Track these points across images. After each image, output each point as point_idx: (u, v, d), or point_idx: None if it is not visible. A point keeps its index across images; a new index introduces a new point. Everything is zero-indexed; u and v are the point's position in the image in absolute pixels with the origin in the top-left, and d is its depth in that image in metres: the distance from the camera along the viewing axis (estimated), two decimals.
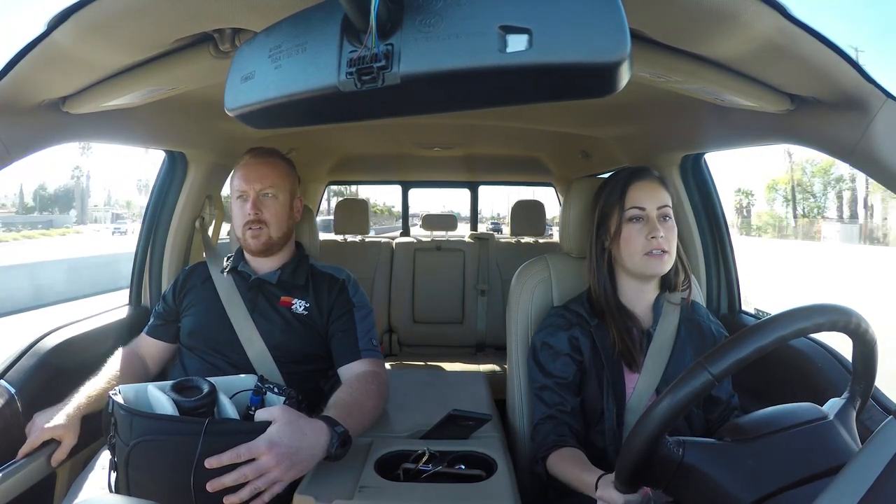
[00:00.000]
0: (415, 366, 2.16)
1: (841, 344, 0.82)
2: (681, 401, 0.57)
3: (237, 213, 1.17)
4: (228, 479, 0.73)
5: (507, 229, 3.06)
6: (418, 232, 3.00)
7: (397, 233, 3.16)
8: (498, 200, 13.34)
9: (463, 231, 2.97)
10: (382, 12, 0.43)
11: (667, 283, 1.03)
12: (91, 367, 1.10)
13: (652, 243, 0.95)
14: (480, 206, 3.17)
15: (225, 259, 1.25)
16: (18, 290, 7.88)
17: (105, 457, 0.92)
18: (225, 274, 1.20)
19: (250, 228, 1.14)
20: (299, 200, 1.25)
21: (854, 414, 0.67)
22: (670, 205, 0.99)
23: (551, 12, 0.40)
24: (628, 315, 1.00)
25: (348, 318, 1.14)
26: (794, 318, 0.58)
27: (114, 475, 0.83)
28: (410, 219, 3.35)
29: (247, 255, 1.22)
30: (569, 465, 0.87)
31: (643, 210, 0.97)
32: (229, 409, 0.88)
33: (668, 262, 0.97)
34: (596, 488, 0.74)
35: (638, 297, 1.01)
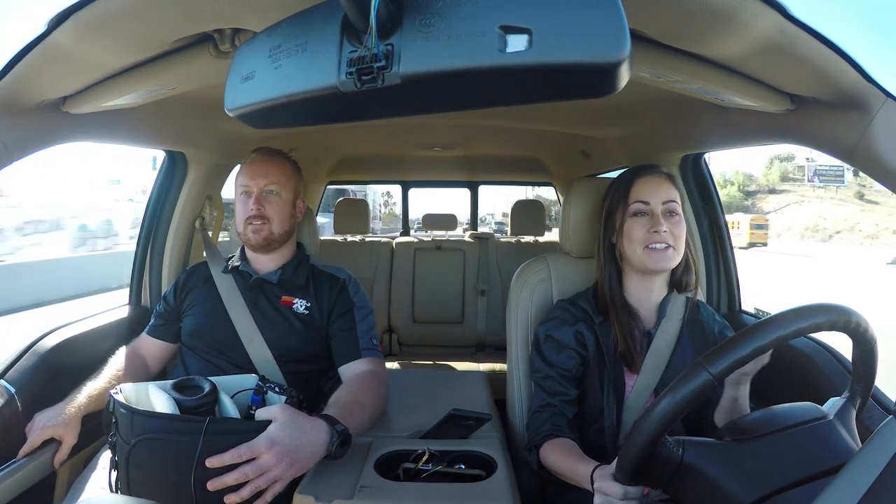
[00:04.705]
0: (415, 365, 2.16)
1: (841, 343, 0.82)
2: (681, 400, 0.57)
3: (240, 208, 1.18)
4: (229, 479, 0.73)
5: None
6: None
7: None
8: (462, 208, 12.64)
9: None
10: (382, 12, 0.43)
11: (676, 283, 1.02)
12: (91, 366, 1.10)
13: (653, 237, 0.94)
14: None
15: (227, 259, 1.25)
16: None
17: (106, 456, 0.92)
18: (226, 273, 1.20)
19: (251, 223, 1.14)
20: (302, 201, 1.25)
21: (854, 413, 0.67)
22: (678, 201, 0.97)
23: (551, 12, 0.40)
24: (632, 314, 1.00)
25: (349, 318, 1.15)
26: (794, 317, 0.58)
27: (114, 474, 0.83)
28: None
29: (248, 254, 1.22)
30: (562, 456, 0.87)
31: (647, 204, 0.97)
32: (230, 409, 0.88)
33: (673, 258, 0.96)
34: (592, 480, 0.73)
35: (644, 295, 1.01)
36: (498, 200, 30.93)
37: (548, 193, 3.92)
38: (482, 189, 3.19)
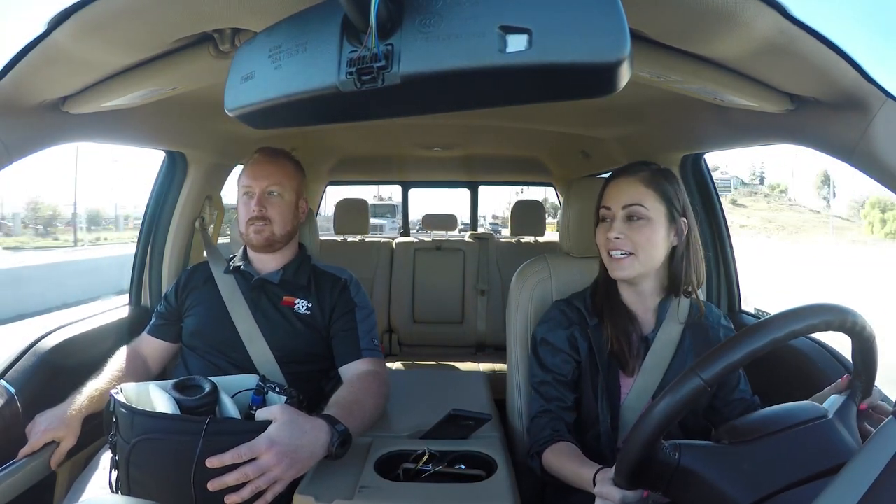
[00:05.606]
0: (415, 366, 2.16)
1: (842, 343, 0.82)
2: (674, 406, 0.57)
3: (242, 209, 1.17)
4: (230, 479, 0.73)
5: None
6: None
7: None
8: (460, 208, 11.68)
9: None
10: (382, 12, 0.43)
11: (671, 287, 0.97)
12: (91, 367, 1.10)
13: (609, 243, 0.93)
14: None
15: (228, 259, 1.25)
16: None
17: (106, 456, 0.92)
18: (227, 273, 1.20)
19: (253, 224, 1.14)
20: (305, 202, 1.25)
21: (854, 411, 0.66)
22: (644, 204, 0.91)
23: (551, 12, 0.40)
24: (630, 317, 0.98)
25: (350, 318, 1.15)
26: (788, 320, 0.57)
27: (114, 474, 0.83)
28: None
29: (250, 254, 1.22)
30: (564, 460, 0.87)
31: (609, 210, 0.95)
32: (231, 409, 0.88)
33: (631, 267, 0.92)
34: (594, 483, 0.73)
35: (636, 299, 0.99)
36: (489, 205, 31.96)
37: (536, 194, 3.92)
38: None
